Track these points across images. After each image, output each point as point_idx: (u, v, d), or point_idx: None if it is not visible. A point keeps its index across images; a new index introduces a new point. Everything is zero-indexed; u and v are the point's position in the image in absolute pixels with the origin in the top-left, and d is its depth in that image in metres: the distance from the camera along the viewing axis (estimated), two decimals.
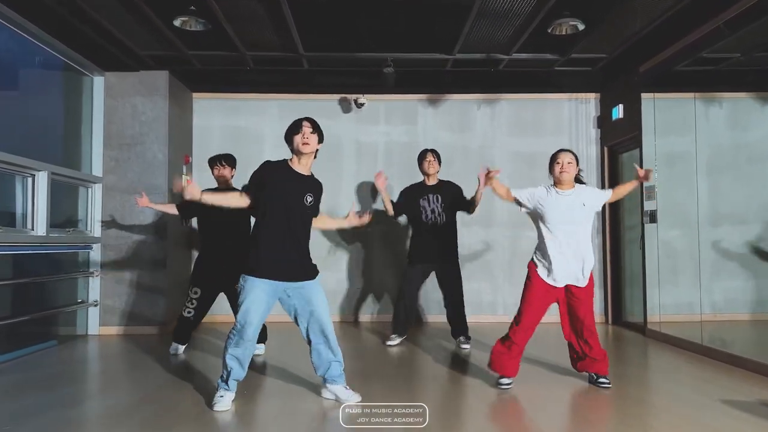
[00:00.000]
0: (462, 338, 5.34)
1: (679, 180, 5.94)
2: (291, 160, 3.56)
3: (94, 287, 6.00)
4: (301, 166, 3.53)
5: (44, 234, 5.08)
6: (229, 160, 4.99)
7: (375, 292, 7.01)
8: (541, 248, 3.95)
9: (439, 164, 5.59)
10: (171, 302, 6.17)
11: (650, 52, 5.70)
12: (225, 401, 3.42)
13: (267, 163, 3.54)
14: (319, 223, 3.74)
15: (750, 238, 5.84)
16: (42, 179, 5.08)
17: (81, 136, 6.05)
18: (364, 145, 7.07)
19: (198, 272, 4.92)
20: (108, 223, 6.06)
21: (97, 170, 6.07)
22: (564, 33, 5.07)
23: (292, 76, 6.49)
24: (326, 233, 6.86)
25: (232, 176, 5.02)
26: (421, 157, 5.58)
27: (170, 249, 6.18)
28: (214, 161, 4.99)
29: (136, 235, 6.09)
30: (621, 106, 6.48)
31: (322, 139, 3.60)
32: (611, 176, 6.93)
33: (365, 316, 6.96)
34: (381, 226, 6.82)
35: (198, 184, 3.42)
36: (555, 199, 3.92)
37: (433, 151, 5.59)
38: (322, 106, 7.01)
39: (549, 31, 5.03)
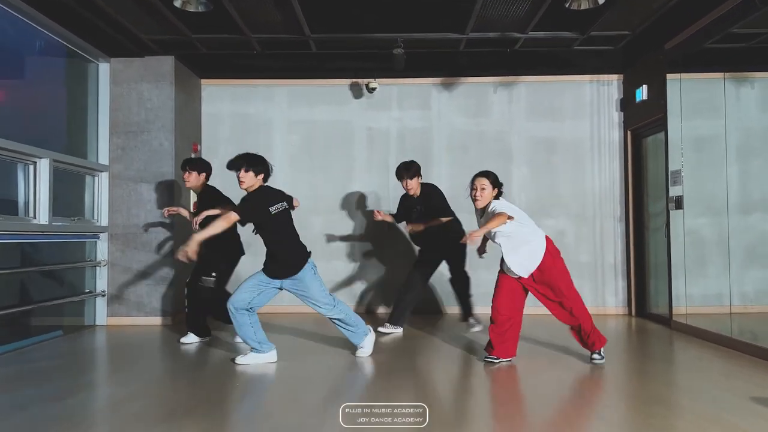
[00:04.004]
0: (470, 320, 5.54)
1: (707, 165, 5.63)
2: None
3: (102, 277, 5.92)
4: None
5: (47, 222, 4.99)
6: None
7: (386, 285, 6.82)
8: None
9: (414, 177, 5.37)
10: (179, 292, 6.06)
11: (676, 28, 5.38)
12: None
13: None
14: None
15: None
16: (43, 167, 4.97)
17: (86, 123, 5.96)
18: (376, 132, 6.86)
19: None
20: (115, 213, 5.97)
21: (104, 158, 5.97)
22: (583, 8, 4.77)
23: (301, 60, 6.31)
24: (343, 228, 6.73)
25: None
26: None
27: (178, 239, 6.05)
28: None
29: (143, 224, 5.98)
30: (645, 86, 6.16)
31: (264, 169, 4.14)
32: (634, 161, 6.63)
33: (379, 307, 6.78)
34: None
35: None
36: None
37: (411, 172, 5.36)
38: (331, 91, 6.83)
39: (567, 5, 4.75)
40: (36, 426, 2.98)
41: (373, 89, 6.65)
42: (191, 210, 5.31)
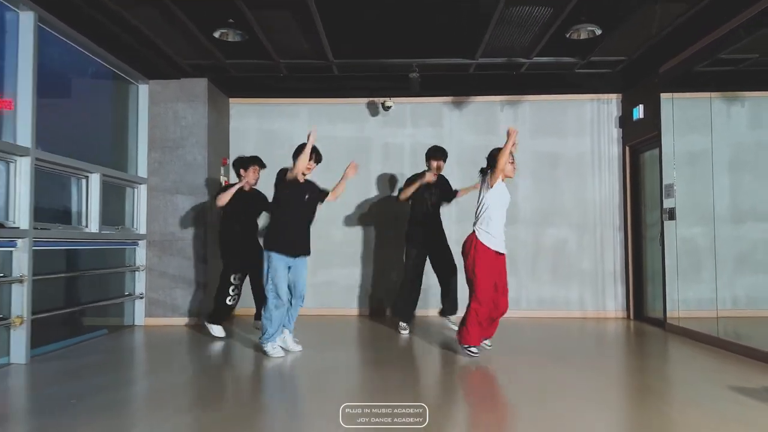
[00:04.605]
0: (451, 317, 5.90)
1: (700, 178, 6.04)
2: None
3: (140, 281, 6.43)
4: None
5: (97, 231, 5.51)
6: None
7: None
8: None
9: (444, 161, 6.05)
10: (211, 295, 6.55)
11: (669, 53, 5.85)
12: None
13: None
14: (333, 195, 5.18)
15: None
16: (95, 180, 5.51)
17: (127, 140, 6.50)
18: (391, 147, 7.37)
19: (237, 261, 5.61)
20: (152, 222, 6.50)
21: (142, 172, 6.50)
22: (582, 38, 5.25)
23: (322, 81, 6.83)
24: (361, 236, 7.20)
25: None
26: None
27: (210, 245, 6.57)
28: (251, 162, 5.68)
29: (177, 232, 6.50)
30: (641, 106, 6.63)
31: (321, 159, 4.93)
32: (632, 174, 7.08)
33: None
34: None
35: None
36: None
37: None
38: (350, 109, 7.34)
39: (567, 36, 5.24)
40: (104, 408, 3.40)
41: (389, 107, 7.16)
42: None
